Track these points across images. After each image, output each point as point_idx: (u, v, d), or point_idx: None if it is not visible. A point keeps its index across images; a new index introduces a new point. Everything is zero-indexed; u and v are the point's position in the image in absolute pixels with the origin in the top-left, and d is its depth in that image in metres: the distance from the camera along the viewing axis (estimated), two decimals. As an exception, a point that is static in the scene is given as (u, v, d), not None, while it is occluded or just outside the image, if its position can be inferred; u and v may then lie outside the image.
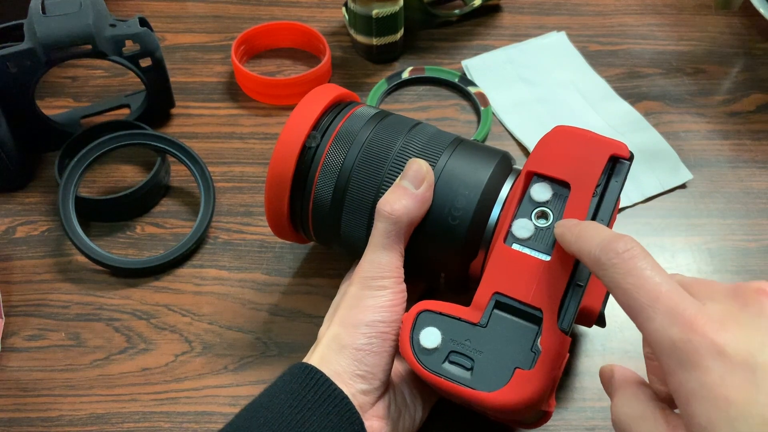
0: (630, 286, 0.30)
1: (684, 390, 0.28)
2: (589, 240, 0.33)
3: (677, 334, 0.28)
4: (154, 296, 0.51)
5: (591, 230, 0.34)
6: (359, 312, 0.38)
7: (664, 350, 0.29)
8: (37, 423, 0.45)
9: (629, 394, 0.32)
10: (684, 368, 0.28)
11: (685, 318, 0.28)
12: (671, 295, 0.29)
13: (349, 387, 0.37)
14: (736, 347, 0.27)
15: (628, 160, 0.39)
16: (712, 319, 0.28)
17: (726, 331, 0.28)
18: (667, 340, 0.28)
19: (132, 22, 0.56)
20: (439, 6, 0.72)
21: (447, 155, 0.42)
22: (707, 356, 0.27)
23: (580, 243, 0.34)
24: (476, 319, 0.37)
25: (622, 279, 0.30)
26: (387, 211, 0.39)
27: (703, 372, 0.27)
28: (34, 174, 0.58)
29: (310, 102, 0.45)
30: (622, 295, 0.30)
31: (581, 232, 0.34)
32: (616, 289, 0.31)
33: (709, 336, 0.28)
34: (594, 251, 0.32)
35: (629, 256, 0.31)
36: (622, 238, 0.32)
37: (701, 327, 0.28)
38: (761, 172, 0.59)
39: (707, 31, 0.71)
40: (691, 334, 0.28)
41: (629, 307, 0.30)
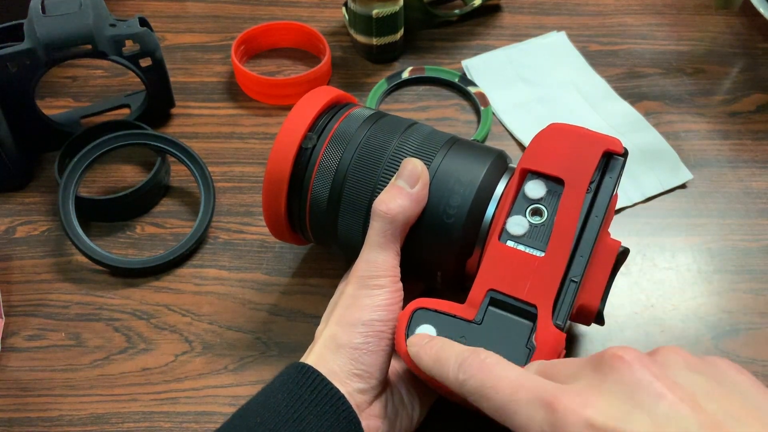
0: (489, 389, 0.31)
1: None
2: (446, 361, 0.34)
3: (544, 418, 0.28)
4: (154, 296, 0.51)
5: (446, 350, 0.34)
6: (356, 311, 0.38)
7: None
8: (37, 423, 0.45)
9: None
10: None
11: (548, 400, 0.29)
12: (529, 384, 0.30)
13: (345, 386, 0.37)
14: (604, 418, 0.27)
15: (622, 155, 0.39)
16: (575, 395, 0.29)
17: (590, 404, 0.28)
18: (536, 428, 0.29)
19: (132, 22, 0.56)
20: (439, 6, 0.72)
21: (442, 154, 0.42)
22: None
23: (438, 366, 0.34)
24: (471, 316, 0.37)
25: (480, 386, 0.31)
26: (383, 211, 0.39)
27: None
28: (34, 174, 0.58)
29: (307, 104, 0.45)
30: (486, 402, 0.31)
31: (437, 355, 0.34)
32: (479, 399, 0.31)
33: (576, 412, 0.28)
34: (453, 372, 0.33)
35: (485, 365, 0.32)
36: (474, 351, 0.33)
37: (565, 405, 0.28)
38: (761, 172, 0.59)
39: (707, 31, 0.71)
40: (557, 415, 0.28)
41: (495, 410, 0.30)
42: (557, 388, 0.29)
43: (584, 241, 0.38)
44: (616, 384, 0.29)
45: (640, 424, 0.27)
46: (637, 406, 0.28)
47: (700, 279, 0.52)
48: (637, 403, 0.28)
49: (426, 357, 0.35)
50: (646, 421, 0.27)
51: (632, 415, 0.28)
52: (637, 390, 0.28)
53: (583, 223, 0.38)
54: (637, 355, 0.30)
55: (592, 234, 0.38)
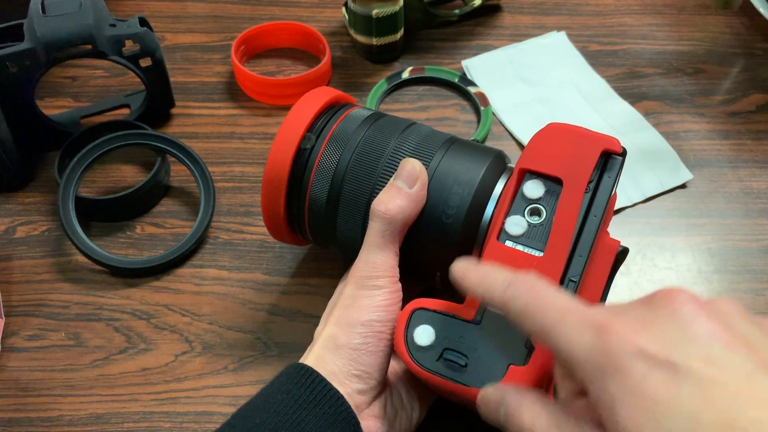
0: (537, 308, 0.30)
1: (606, 396, 0.27)
2: (493, 281, 0.33)
3: (593, 341, 0.28)
4: (154, 296, 0.51)
5: (494, 271, 0.34)
6: (355, 311, 0.38)
7: (579, 361, 0.28)
8: (37, 423, 0.45)
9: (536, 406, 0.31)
10: (604, 374, 0.27)
11: (599, 324, 0.28)
12: (580, 308, 0.29)
13: (345, 387, 0.37)
14: (656, 347, 0.27)
15: (621, 155, 0.39)
16: (626, 323, 0.28)
17: (643, 332, 0.27)
18: (582, 349, 0.28)
19: (132, 22, 0.56)
20: (439, 6, 0.72)
21: (440, 155, 0.42)
22: (627, 357, 0.27)
23: (484, 285, 0.33)
24: (470, 316, 0.37)
25: (528, 305, 0.31)
26: (381, 211, 0.39)
27: (624, 374, 0.27)
28: (34, 174, 0.58)
29: (305, 104, 0.45)
30: (532, 320, 0.30)
31: (484, 275, 0.34)
32: (525, 318, 0.31)
33: (627, 338, 0.27)
34: (499, 290, 0.32)
35: (534, 287, 0.31)
36: (526, 274, 0.32)
37: (616, 330, 0.27)
38: (761, 172, 0.59)
39: (707, 31, 0.71)
40: (607, 338, 0.27)
41: (540, 330, 0.30)
42: (609, 315, 0.28)
43: (583, 240, 0.38)
44: (669, 318, 0.28)
45: (694, 357, 0.26)
46: (690, 339, 0.27)
47: (700, 279, 0.52)
48: (691, 337, 0.27)
49: (472, 277, 0.34)
50: (699, 354, 0.26)
51: (686, 347, 0.27)
52: (690, 325, 0.27)
53: (582, 223, 0.38)
54: (692, 295, 0.29)
55: (591, 233, 0.38)
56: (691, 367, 0.26)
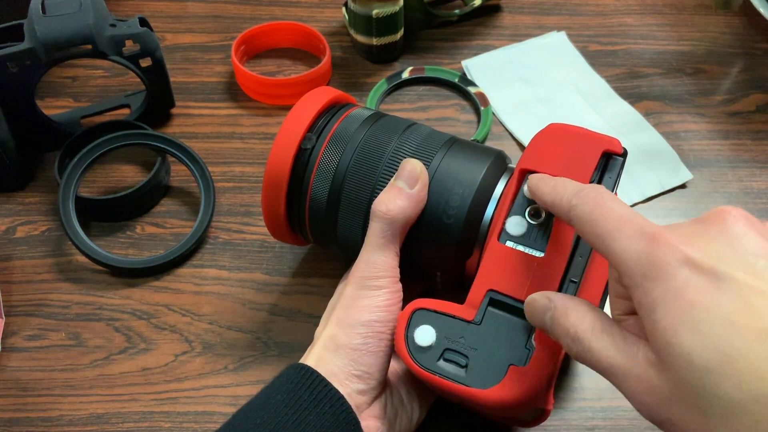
0: (598, 216, 0.31)
1: (648, 299, 0.28)
2: (564, 189, 0.34)
3: (643, 248, 0.29)
4: (154, 296, 0.51)
5: (566, 182, 0.35)
6: (355, 312, 0.38)
7: (629, 266, 0.29)
8: (37, 423, 0.45)
9: (582, 309, 0.32)
10: (649, 278, 0.28)
11: (652, 233, 0.29)
12: (637, 219, 0.30)
13: (345, 387, 0.37)
14: (702, 256, 0.27)
15: (621, 155, 0.39)
16: (678, 234, 0.29)
17: (691, 243, 0.28)
18: (633, 254, 0.29)
19: (132, 22, 0.56)
20: (439, 6, 0.72)
21: (441, 155, 0.42)
22: (673, 264, 0.28)
23: (555, 192, 0.34)
24: (471, 317, 0.37)
25: (590, 212, 0.31)
26: (382, 211, 0.39)
27: (668, 279, 0.27)
28: (34, 174, 0.58)
29: (306, 104, 0.45)
30: (591, 226, 0.31)
31: (557, 184, 0.35)
32: (585, 224, 0.31)
33: (676, 246, 0.28)
34: (568, 196, 0.33)
35: (599, 196, 0.32)
36: (594, 186, 0.33)
37: (667, 239, 0.28)
38: (761, 172, 0.59)
39: (707, 31, 0.71)
40: (657, 246, 0.28)
41: (597, 236, 0.31)
42: (663, 228, 0.29)
43: (583, 241, 0.38)
44: (719, 232, 0.29)
45: (737, 268, 0.27)
46: (737, 253, 0.28)
47: (700, 279, 0.52)
48: (738, 252, 0.28)
49: (545, 186, 0.35)
50: (744, 266, 0.27)
51: (731, 258, 0.27)
52: (739, 240, 0.28)
53: None
54: (744, 213, 0.29)
55: None
56: (734, 276, 0.27)
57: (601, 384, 0.46)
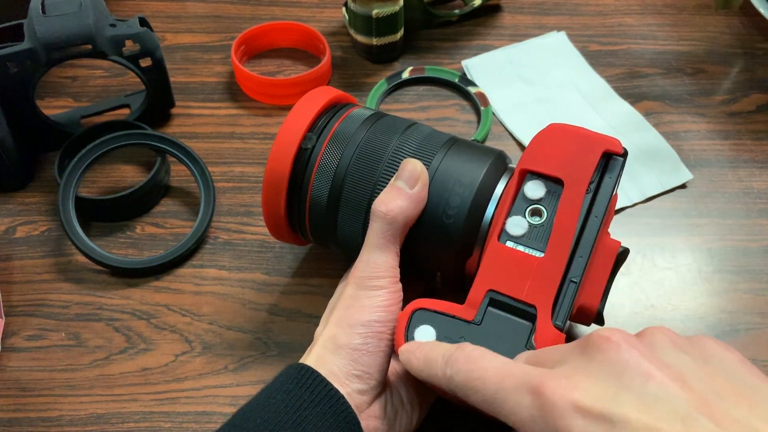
0: (475, 380, 0.31)
1: None
2: (434, 361, 0.34)
3: (531, 404, 0.28)
4: (154, 296, 0.51)
5: (434, 351, 0.34)
6: (355, 312, 0.38)
7: (527, 427, 0.28)
8: (37, 423, 0.45)
9: None
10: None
11: (534, 385, 0.28)
12: (516, 371, 0.30)
13: (345, 387, 0.37)
14: (592, 400, 0.27)
15: (622, 156, 0.39)
16: (561, 377, 0.28)
17: (577, 387, 0.28)
18: (525, 414, 0.28)
19: (132, 22, 0.56)
20: (439, 6, 0.72)
21: (441, 155, 0.42)
22: (566, 416, 0.27)
23: (428, 367, 0.34)
24: (471, 317, 0.37)
25: (468, 379, 0.31)
26: (382, 212, 0.39)
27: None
28: (34, 174, 0.58)
29: (306, 104, 0.45)
30: (475, 394, 0.31)
31: (426, 356, 0.34)
32: (468, 392, 0.31)
33: (562, 395, 0.28)
34: (441, 369, 0.33)
35: (470, 358, 0.32)
36: (459, 347, 0.33)
37: (552, 389, 0.28)
38: (761, 172, 0.59)
39: (707, 31, 0.71)
40: (543, 399, 0.28)
41: (484, 402, 0.30)
42: (543, 372, 0.29)
43: (584, 241, 0.38)
44: (603, 365, 0.28)
45: (628, 405, 0.27)
46: (624, 386, 0.27)
47: (700, 279, 0.52)
48: (625, 384, 0.28)
49: (416, 361, 0.35)
50: (634, 401, 0.27)
51: (620, 395, 0.27)
52: (624, 370, 0.28)
53: (583, 224, 0.38)
54: (623, 336, 0.29)
55: (592, 234, 0.38)
56: (627, 417, 0.26)
57: None
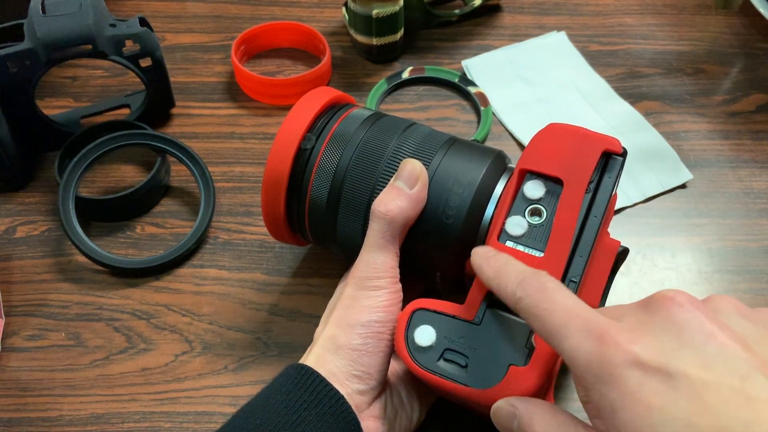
0: (543, 311, 0.31)
1: (606, 403, 0.28)
2: (507, 277, 0.34)
3: (591, 348, 0.29)
4: (154, 296, 0.51)
5: (509, 266, 0.35)
6: (355, 312, 0.38)
7: (581, 367, 0.29)
8: (37, 423, 0.45)
9: (546, 414, 0.32)
10: (602, 382, 0.28)
11: (598, 332, 0.29)
12: (583, 314, 0.30)
13: (345, 387, 0.37)
14: (651, 355, 0.27)
15: (621, 155, 0.39)
16: (624, 331, 0.29)
17: (638, 340, 0.28)
18: (583, 356, 0.29)
19: (132, 22, 0.56)
20: (439, 6, 0.72)
21: (441, 155, 0.42)
22: (623, 366, 0.28)
23: (498, 279, 0.34)
24: (470, 317, 0.37)
25: (536, 306, 0.31)
26: (382, 212, 0.39)
27: (621, 383, 0.27)
28: (34, 174, 0.58)
29: (306, 104, 0.45)
30: (539, 322, 0.31)
31: (499, 269, 0.35)
32: (532, 317, 0.32)
33: (623, 346, 0.28)
34: (511, 287, 0.33)
35: (543, 287, 0.32)
36: (536, 273, 0.33)
37: (614, 338, 0.28)
38: (761, 172, 0.59)
39: (707, 31, 0.71)
40: (604, 347, 0.28)
41: (546, 332, 0.31)
42: (609, 322, 0.29)
43: (583, 241, 0.38)
44: (665, 322, 0.29)
45: (688, 361, 0.27)
46: (685, 344, 0.28)
47: (700, 279, 0.52)
48: (686, 342, 0.28)
49: (488, 269, 0.35)
50: (694, 358, 0.27)
51: (680, 351, 0.27)
52: (686, 329, 0.28)
53: (582, 223, 0.38)
54: (688, 297, 0.29)
55: (591, 234, 0.38)
56: (686, 372, 0.27)
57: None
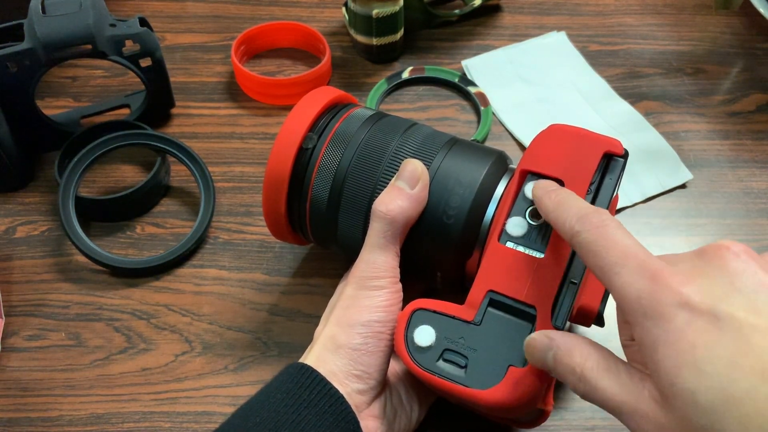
0: (600, 247, 0.31)
1: (649, 338, 0.28)
2: (567, 210, 0.34)
3: (643, 286, 0.29)
4: (154, 296, 0.51)
5: (570, 201, 0.35)
6: (355, 312, 0.38)
7: (631, 303, 0.29)
8: (37, 423, 0.45)
9: (586, 347, 0.32)
10: (649, 318, 0.28)
11: (652, 271, 0.29)
12: (639, 254, 0.30)
13: (344, 387, 0.37)
14: (701, 297, 0.28)
15: (622, 157, 0.39)
16: (677, 273, 0.29)
17: (690, 283, 0.28)
18: (633, 292, 0.29)
19: (132, 22, 0.56)
20: (439, 6, 0.72)
21: (442, 155, 0.42)
22: (672, 306, 0.28)
23: (558, 212, 0.34)
24: (470, 317, 0.37)
25: (593, 242, 0.31)
26: (382, 212, 0.39)
27: (667, 320, 0.28)
28: (34, 174, 0.58)
29: (307, 104, 0.45)
30: (594, 257, 0.31)
31: (560, 201, 0.35)
32: (588, 253, 0.32)
33: (674, 287, 0.28)
34: (570, 221, 0.33)
35: (603, 224, 0.32)
36: (597, 210, 0.33)
37: (666, 279, 0.29)
38: (761, 172, 0.59)
39: (707, 31, 0.71)
40: (656, 286, 0.29)
41: (599, 268, 0.31)
42: (664, 264, 0.29)
43: None
44: (718, 269, 0.29)
45: (737, 305, 0.27)
46: (737, 290, 0.28)
47: (700, 279, 0.52)
48: (738, 288, 0.28)
49: (548, 201, 0.36)
50: (744, 303, 0.27)
51: (730, 296, 0.28)
52: (739, 276, 0.28)
53: None
54: (744, 248, 0.30)
55: None
56: (734, 315, 0.27)
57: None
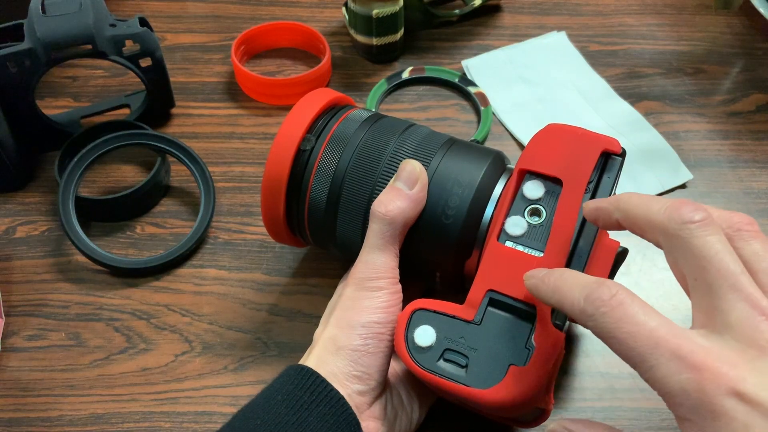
0: (625, 335, 0.28)
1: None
2: (569, 291, 0.31)
3: (688, 381, 0.26)
4: (154, 296, 0.51)
5: (567, 280, 0.31)
6: (355, 313, 0.38)
7: (675, 399, 0.27)
8: (37, 423, 0.45)
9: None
10: (702, 417, 0.26)
11: (694, 362, 0.26)
12: (672, 338, 0.27)
13: (345, 388, 0.37)
14: (757, 391, 0.26)
15: (620, 155, 0.39)
16: (724, 361, 0.26)
17: (742, 375, 0.26)
18: (677, 388, 0.27)
19: (132, 22, 0.56)
20: (439, 6, 0.72)
21: (440, 156, 0.42)
22: (727, 402, 0.26)
23: (558, 296, 0.32)
24: (470, 317, 0.37)
25: (615, 328, 0.28)
26: (381, 212, 0.39)
27: (726, 420, 0.26)
28: (34, 174, 0.58)
29: (305, 105, 0.45)
30: (619, 345, 0.28)
31: (558, 284, 0.32)
32: (610, 339, 0.29)
33: (725, 381, 0.26)
34: (578, 303, 0.30)
35: (617, 303, 0.29)
36: (604, 283, 0.30)
37: (714, 370, 0.26)
38: (761, 172, 0.59)
39: (707, 31, 0.71)
40: (703, 380, 0.26)
41: (628, 357, 0.28)
42: (704, 349, 0.27)
43: (583, 241, 0.38)
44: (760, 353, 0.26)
45: None
46: None
47: (700, 279, 0.52)
48: None
49: (545, 287, 0.32)
50: None
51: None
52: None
53: (582, 224, 0.38)
54: None
55: (591, 234, 0.38)
56: None
57: (601, 384, 0.46)
